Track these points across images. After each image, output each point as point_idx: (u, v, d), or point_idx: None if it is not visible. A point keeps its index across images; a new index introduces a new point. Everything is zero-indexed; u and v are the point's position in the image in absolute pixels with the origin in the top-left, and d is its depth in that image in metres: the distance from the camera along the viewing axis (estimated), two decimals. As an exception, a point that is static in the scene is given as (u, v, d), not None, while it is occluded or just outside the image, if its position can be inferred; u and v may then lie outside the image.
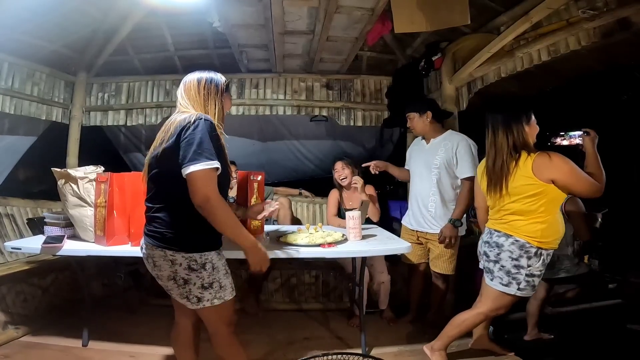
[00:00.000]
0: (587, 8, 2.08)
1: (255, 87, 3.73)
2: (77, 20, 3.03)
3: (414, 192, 2.67)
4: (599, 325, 2.68)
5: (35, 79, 3.29)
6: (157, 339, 2.31)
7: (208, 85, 1.52)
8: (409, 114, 2.63)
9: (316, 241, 2.06)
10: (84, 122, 3.65)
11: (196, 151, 1.33)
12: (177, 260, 1.40)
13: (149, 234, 1.45)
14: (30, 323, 2.50)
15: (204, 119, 1.39)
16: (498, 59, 2.70)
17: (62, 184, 2.17)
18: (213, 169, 1.35)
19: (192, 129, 1.36)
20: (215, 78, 1.55)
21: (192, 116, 1.40)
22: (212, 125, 1.41)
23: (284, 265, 3.06)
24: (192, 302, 1.45)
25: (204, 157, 1.33)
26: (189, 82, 1.54)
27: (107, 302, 2.95)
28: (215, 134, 1.41)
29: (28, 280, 2.64)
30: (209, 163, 1.33)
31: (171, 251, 1.39)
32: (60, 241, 2.04)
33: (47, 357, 2.20)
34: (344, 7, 2.47)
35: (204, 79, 1.53)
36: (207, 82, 1.53)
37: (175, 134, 1.38)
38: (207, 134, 1.36)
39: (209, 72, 1.57)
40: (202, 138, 1.35)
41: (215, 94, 1.53)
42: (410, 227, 2.68)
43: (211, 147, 1.36)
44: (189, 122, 1.38)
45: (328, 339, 2.53)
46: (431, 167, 2.53)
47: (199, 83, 1.52)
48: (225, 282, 1.49)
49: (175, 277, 1.42)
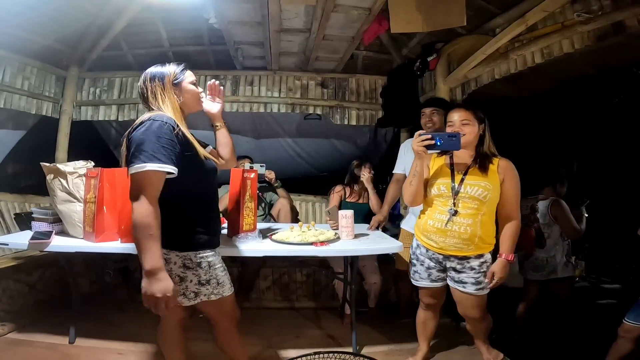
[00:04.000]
0: (582, 11, 2.09)
1: (250, 84, 3.71)
2: (71, 14, 2.99)
3: None
4: (589, 326, 2.70)
5: (26, 73, 3.24)
6: (146, 337, 2.28)
7: (152, 83, 1.44)
8: (436, 109, 2.48)
9: (309, 239, 2.05)
10: (75, 117, 3.60)
11: (134, 153, 1.28)
12: (171, 259, 1.39)
13: None
14: (17, 320, 2.46)
15: (153, 120, 1.32)
16: (492, 61, 2.71)
17: (51, 178, 2.14)
18: (151, 172, 1.25)
19: (137, 130, 1.31)
20: (156, 72, 1.45)
21: (144, 118, 1.35)
22: (163, 126, 1.31)
23: (276, 263, 3.05)
24: (189, 297, 1.43)
25: (139, 160, 1.25)
26: (139, 83, 1.48)
27: (95, 299, 2.91)
28: (167, 134, 1.31)
29: (15, 277, 2.60)
30: (145, 165, 1.25)
31: (165, 250, 1.36)
32: (48, 237, 2.01)
33: (33, 354, 2.17)
34: (341, 6, 2.46)
35: (148, 78, 1.45)
36: (150, 79, 1.45)
37: (126, 135, 1.36)
38: (152, 135, 1.28)
39: (155, 66, 1.48)
40: (143, 139, 1.28)
41: (162, 89, 1.44)
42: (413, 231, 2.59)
43: (155, 148, 1.27)
44: (137, 124, 1.34)
45: (319, 338, 2.53)
46: None
47: (144, 83, 1.46)
48: (223, 278, 1.49)
49: (171, 275, 1.39)
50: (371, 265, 2.81)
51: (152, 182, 1.27)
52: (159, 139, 1.29)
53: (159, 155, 1.27)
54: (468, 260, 1.81)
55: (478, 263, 1.80)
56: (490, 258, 1.82)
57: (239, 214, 2.01)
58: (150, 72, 1.46)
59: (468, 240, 1.78)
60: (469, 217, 1.78)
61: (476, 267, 1.80)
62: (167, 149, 1.29)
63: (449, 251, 1.83)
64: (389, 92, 3.58)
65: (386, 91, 3.63)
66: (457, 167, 1.87)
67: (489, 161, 1.82)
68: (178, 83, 1.47)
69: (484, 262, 1.81)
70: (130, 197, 1.27)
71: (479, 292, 1.81)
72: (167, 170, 1.28)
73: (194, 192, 1.41)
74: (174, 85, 1.46)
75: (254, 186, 2.08)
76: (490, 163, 1.81)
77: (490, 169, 1.80)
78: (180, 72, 1.49)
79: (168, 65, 1.48)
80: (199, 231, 1.42)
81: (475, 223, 1.77)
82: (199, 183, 1.46)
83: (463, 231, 1.78)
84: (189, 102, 1.51)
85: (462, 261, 1.82)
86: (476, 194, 1.77)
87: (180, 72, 1.49)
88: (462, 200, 1.79)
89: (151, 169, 1.25)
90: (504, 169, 1.80)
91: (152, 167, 1.25)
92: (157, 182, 1.28)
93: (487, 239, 1.80)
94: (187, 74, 1.51)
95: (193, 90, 1.52)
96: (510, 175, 1.79)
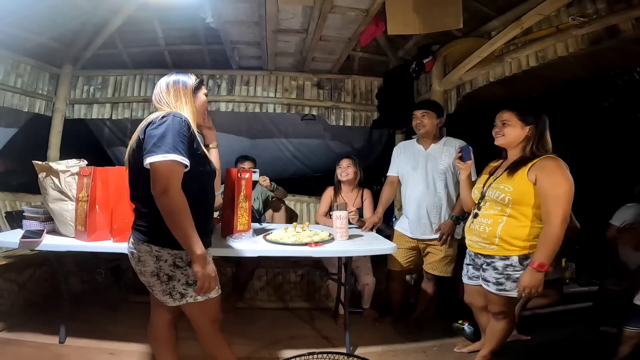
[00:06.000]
0: (577, 15, 2.11)
1: (245, 84, 3.69)
2: (67, 12, 2.96)
3: (415, 198, 2.52)
4: (574, 327, 2.73)
5: (19, 70, 3.21)
6: (137, 337, 2.25)
7: (176, 85, 1.51)
8: (426, 111, 2.50)
9: (303, 240, 2.05)
10: (68, 115, 3.56)
11: (156, 143, 1.32)
12: (162, 257, 1.39)
13: (137, 229, 1.45)
14: (6, 319, 2.42)
15: (174, 115, 1.38)
16: (487, 64, 2.73)
17: (43, 177, 2.12)
18: (174, 162, 1.31)
19: (158, 124, 1.36)
20: (181, 77, 1.54)
21: (163, 113, 1.41)
22: (182, 122, 1.38)
23: (271, 264, 3.04)
24: (175, 298, 1.44)
25: (162, 150, 1.30)
26: (159, 86, 1.54)
27: (87, 299, 2.88)
28: (185, 131, 1.38)
29: (5, 276, 2.56)
30: (167, 155, 1.30)
31: (157, 247, 1.39)
32: (39, 236, 1.99)
33: (22, 354, 2.14)
34: (338, 7, 2.46)
35: (171, 81, 1.53)
36: (174, 83, 1.52)
37: (143, 129, 1.39)
38: (173, 128, 1.34)
39: (177, 73, 1.57)
40: (165, 132, 1.33)
41: (184, 94, 1.51)
42: (411, 235, 2.56)
43: (176, 141, 1.33)
44: (157, 117, 1.38)
45: (313, 338, 2.52)
46: (437, 173, 2.47)
47: (167, 85, 1.52)
48: None
49: (159, 274, 1.41)
50: (364, 266, 2.81)
51: (176, 172, 1.33)
52: (180, 134, 1.35)
53: (180, 149, 1.33)
54: (493, 260, 1.82)
55: (502, 265, 1.78)
56: (517, 262, 1.75)
57: (233, 214, 2.00)
58: (174, 76, 1.55)
59: (487, 240, 1.82)
60: (490, 217, 1.82)
61: (499, 268, 1.79)
62: (184, 145, 1.36)
63: (475, 248, 1.92)
64: (385, 94, 3.58)
65: (382, 93, 3.64)
66: (497, 170, 1.91)
67: (523, 163, 1.76)
68: (196, 91, 1.57)
69: (510, 264, 1.76)
70: (157, 189, 1.30)
71: (500, 292, 1.79)
72: (185, 162, 1.35)
73: (194, 192, 1.41)
74: (193, 93, 1.55)
75: (248, 186, 2.08)
76: (524, 165, 1.75)
77: (519, 171, 1.74)
78: (199, 83, 1.59)
79: (189, 75, 1.57)
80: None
81: (495, 223, 1.78)
82: (201, 183, 1.49)
83: (482, 230, 1.83)
84: (200, 111, 1.59)
85: (488, 259, 1.84)
86: (494, 196, 1.78)
87: (200, 82, 1.60)
88: (488, 203, 1.84)
89: (174, 159, 1.31)
90: (539, 169, 1.70)
91: (176, 158, 1.31)
92: (179, 173, 1.34)
93: (512, 241, 1.75)
94: (202, 86, 1.62)
95: (205, 101, 1.63)
96: (544, 175, 1.68)
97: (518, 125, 1.79)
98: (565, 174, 1.67)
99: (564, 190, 1.64)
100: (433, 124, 2.50)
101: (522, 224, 1.74)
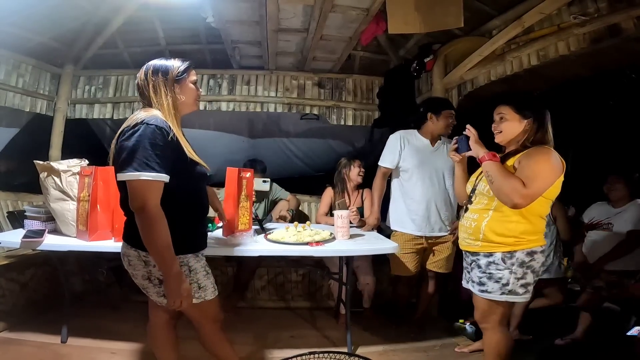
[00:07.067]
0: (579, 14, 2.10)
1: (246, 83, 3.69)
2: (68, 12, 2.96)
3: (424, 196, 2.44)
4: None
5: (20, 70, 3.21)
6: (139, 336, 2.25)
7: (154, 76, 1.37)
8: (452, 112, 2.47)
9: (304, 239, 2.05)
10: (69, 115, 3.56)
11: (125, 159, 1.24)
12: (150, 262, 1.36)
13: (125, 233, 1.42)
14: (8, 319, 2.43)
15: (147, 124, 1.27)
16: (488, 63, 2.72)
17: (44, 176, 2.13)
18: (147, 180, 1.23)
19: (129, 134, 1.27)
20: (160, 66, 1.38)
21: (138, 119, 1.30)
22: (155, 131, 1.27)
23: (272, 263, 3.03)
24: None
25: (132, 167, 1.23)
26: (140, 73, 1.40)
27: (88, 299, 2.89)
28: (160, 140, 1.28)
29: (6, 275, 2.56)
30: (138, 174, 1.22)
31: (144, 252, 1.34)
32: (40, 235, 1.99)
33: (24, 353, 2.15)
34: (339, 6, 2.45)
35: (149, 70, 1.38)
36: (153, 73, 1.37)
37: (117, 138, 1.33)
38: (145, 140, 1.25)
39: (158, 60, 1.41)
40: (135, 145, 1.24)
41: (164, 85, 1.37)
42: (420, 233, 2.46)
43: (148, 155, 1.24)
44: (129, 126, 1.30)
45: (314, 338, 2.53)
46: (446, 170, 2.45)
47: (145, 75, 1.38)
48: (205, 282, 1.46)
49: (150, 277, 1.39)
50: (365, 265, 2.81)
51: (152, 188, 1.26)
52: (152, 146, 1.26)
53: (153, 164, 1.25)
54: (478, 258, 1.71)
55: (485, 262, 1.67)
56: (500, 259, 1.64)
57: (235, 213, 2.00)
58: (153, 64, 1.39)
59: (472, 235, 1.72)
60: (476, 212, 1.72)
61: (482, 266, 1.68)
62: (160, 157, 1.27)
63: (463, 246, 1.81)
64: (386, 93, 3.58)
65: (383, 92, 3.63)
66: None
67: (513, 154, 1.68)
68: (180, 80, 1.41)
69: (492, 262, 1.65)
70: (134, 206, 1.25)
71: (482, 294, 1.68)
72: (160, 179, 1.27)
73: (180, 197, 1.37)
74: (176, 82, 1.40)
75: (249, 186, 2.08)
76: (513, 156, 1.67)
77: (507, 162, 1.68)
78: (184, 70, 1.42)
79: (172, 60, 1.41)
80: (182, 235, 1.37)
81: (481, 218, 1.69)
82: (187, 187, 1.41)
83: (468, 225, 1.74)
84: (188, 102, 1.46)
85: (474, 257, 1.74)
86: (482, 188, 1.71)
87: (185, 69, 1.42)
88: (478, 197, 1.75)
89: (146, 178, 1.23)
90: (524, 156, 1.62)
91: (147, 177, 1.24)
92: (155, 189, 1.27)
93: (495, 238, 1.65)
94: (190, 72, 1.46)
95: (194, 90, 1.48)
96: (527, 160, 1.60)
97: (515, 119, 1.70)
98: (547, 158, 1.58)
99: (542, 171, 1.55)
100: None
101: (507, 218, 1.64)
